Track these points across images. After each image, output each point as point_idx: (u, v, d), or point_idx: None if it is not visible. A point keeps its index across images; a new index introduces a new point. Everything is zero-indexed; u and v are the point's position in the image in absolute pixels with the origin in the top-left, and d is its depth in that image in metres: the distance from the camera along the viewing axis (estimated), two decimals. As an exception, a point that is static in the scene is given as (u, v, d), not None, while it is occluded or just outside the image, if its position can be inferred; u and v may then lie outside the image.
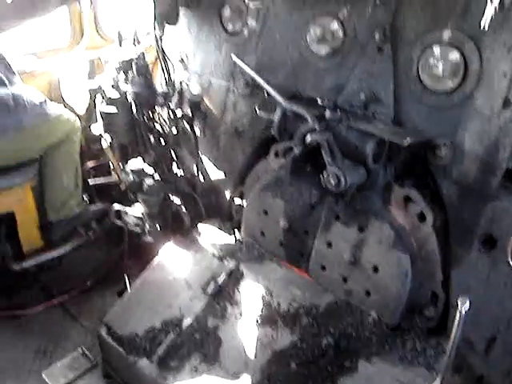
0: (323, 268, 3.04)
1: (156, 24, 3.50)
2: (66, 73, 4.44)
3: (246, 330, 2.95)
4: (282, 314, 2.96)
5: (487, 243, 2.57)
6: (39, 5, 3.54)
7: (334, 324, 2.86)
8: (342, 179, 2.58)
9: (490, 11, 2.29)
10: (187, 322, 3.04)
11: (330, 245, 2.98)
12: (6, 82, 3.63)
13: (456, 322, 1.94)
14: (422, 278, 2.80)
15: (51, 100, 3.96)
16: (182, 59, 3.70)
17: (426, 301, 2.83)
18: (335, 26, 2.92)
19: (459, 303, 1.91)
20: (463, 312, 1.90)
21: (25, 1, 3.46)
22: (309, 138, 2.68)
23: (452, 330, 1.97)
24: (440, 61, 2.56)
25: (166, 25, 3.58)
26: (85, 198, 4.20)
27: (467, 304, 1.90)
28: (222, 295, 3.11)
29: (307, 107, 2.82)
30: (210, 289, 3.12)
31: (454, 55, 2.51)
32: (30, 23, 3.65)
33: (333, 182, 2.60)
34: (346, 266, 2.92)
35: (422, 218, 2.73)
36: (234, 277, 3.16)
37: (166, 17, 3.51)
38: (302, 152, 2.80)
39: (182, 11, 3.58)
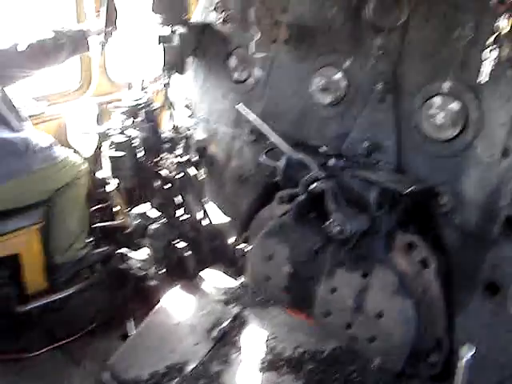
0: (327, 314, 3.04)
1: (164, 72, 3.61)
2: (75, 117, 4.55)
3: (250, 376, 2.95)
4: (286, 359, 2.98)
5: (490, 289, 2.59)
6: (52, 55, 3.67)
7: (338, 370, 2.87)
8: (346, 226, 2.62)
9: (487, 65, 2.39)
10: (191, 366, 3.05)
11: (334, 291, 3.00)
12: (16, 126, 3.72)
13: (460, 370, 1.96)
14: (426, 323, 2.80)
15: (59, 143, 4.05)
16: (189, 106, 3.80)
17: (429, 347, 2.83)
18: (339, 76, 3.02)
19: (462, 351, 1.93)
20: (466, 359, 1.92)
21: (38, 51, 3.59)
22: (313, 186, 2.73)
23: (456, 377, 1.99)
24: (440, 111, 2.65)
25: (174, 73, 3.70)
26: (90, 241, 4.25)
27: (471, 352, 1.92)
28: (226, 340, 3.13)
29: (311, 155, 2.89)
30: (215, 334, 3.13)
31: (454, 105, 2.59)
32: (43, 72, 3.78)
33: (336, 229, 2.64)
34: (350, 312, 2.93)
35: (424, 264, 2.77)
36: (239, 322, 3.19)
37: (174, 65, 3.61)
38: (306, 199, 2.85)
39: (190, 60, 3.69)
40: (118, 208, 4.22)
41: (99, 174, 4.12)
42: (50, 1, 5.23)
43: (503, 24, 2.30)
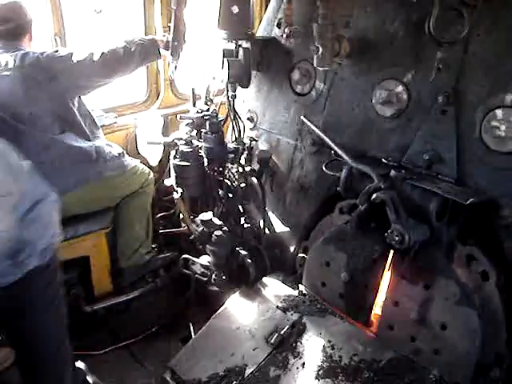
0: (391, 327, 3.06)
1: (229, 85, 3.73)
2: (142, 128, 4.74)
3: (307, 382, 2.99)
4: (343, 367, 2.99)
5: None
6: (123, 63, 3.85)
7: (395, 380, 2.87)
8: (406, 236, 2.65)
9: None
10: (250, 371, 3.10)
11: (396, 304, 3.02)
12: (90, 135, 3.92)
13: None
14: (487, 337, 2.77)
15: (128, 153, 4.23)
16: (252, 118, 3.91)
17: (490, 362, 2.80)
18: (400, 89, 3.06)
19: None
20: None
21: (111, 59, 3.78)
22: (374, 196, 2.78)
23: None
24: (503, 123, 2.64)
25: (238, 86, 3.82)
26: (155, 247, 4.41)
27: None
28: (284, 346, 3.17)
29: (372, 166, 2.94)
30: (273, 340, 3.18)
31: (517, 118, 2.59)
32: (115, 81, 3.97)
33: (397, 238, 2.67)
34: (414, 324, 2.94)
35: (485, 276, 2.75)
36: (297, 329, 3.23)
37: (238, 79, 3.73)
38: (366, 209, 2.89)
39: (254, 74, 3.81)
40: (182, 216, 4.35)
41: (165, 183, 4.28)
42: (121, 16, 5.47)
43: None
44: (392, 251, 2.98)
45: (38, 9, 4.11)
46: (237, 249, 3.70)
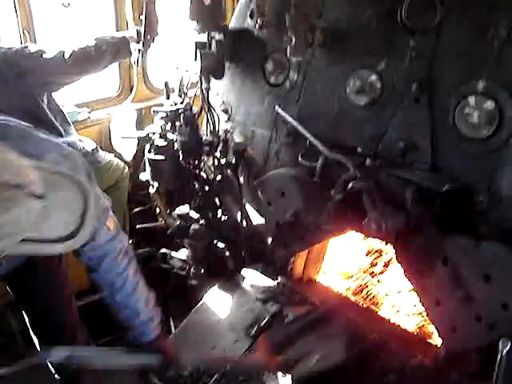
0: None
1: (202, 77, 3.70)
2: (116, 122, 4.69)
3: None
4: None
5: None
6: (94, 61, 3.81)
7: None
8: (383, 224, 2.67)
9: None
10: (231, 363, 3.12)
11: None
12: (63, 131, 3.87)
13: (497, 364, 1.98)
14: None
15: (102, 148, 4.19)
16: (227, 110, 3.88)
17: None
18: (373, 78, 3.05)
19: (501, 345, 1.95)
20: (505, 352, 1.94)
21: (81, 58, 3.73)
22: (350, 186, 2.79)
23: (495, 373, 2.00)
24: (475, 110, 2.65)
25: (211, 78, 3.79)
26: (132, 242, 4.37)
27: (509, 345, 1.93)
28: (265, 337, 3.19)
29: (348, 156, 2.94)
30: (253, 331, 3.19)
31: (489, 104, 2.60)
32: (86, 77, 3.92)
33: (374, 227, 2.69)
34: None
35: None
36: (277, 320, 3.24)
37: (211, 71, 3.71)
38: (343, 198, 2.90)
39: (227, 66, 3.78)
40: (159, 210, 4.33)
41: (140, 177, 4.24)
42: (90, 9, 5.40)
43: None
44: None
45: (5, 2, 4.04)
46: (214, 242, 3.69)
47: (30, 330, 3.22)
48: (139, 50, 4.04)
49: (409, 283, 2.97)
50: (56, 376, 3.32)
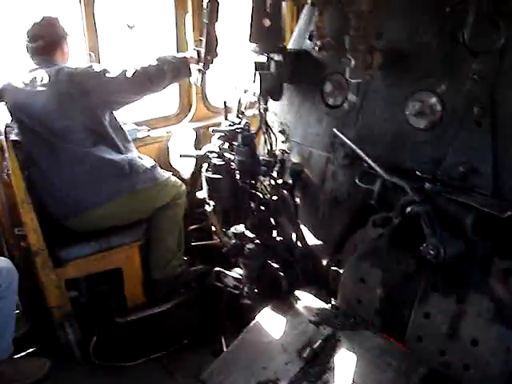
0: (420, 339, 3.01)
1: (261, 98, 3.74)
2: (175, 140, 4.79)
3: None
4: (377, 382, 2.96)
5: None
6: (155, 81, 3.91)
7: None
8: (441, 250, 2.60)
9: None
10: (282, 384, 3.09)
11: (427, 316, 2.96)
12: (123, 149, 3.97)
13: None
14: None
15: (160, 166, 4.28)
16: (284, 130, 3.90)
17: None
18: (433, 100, 3.01)
19: None
20: None
21: (143, 77, 3.83)
22: (409, 210, 2.74)
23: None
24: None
25: (270, 99, 3.83)
26: (187, 259, 4.43)
27: None
28: (317, 361, 3.13)
29: (406, 179, 2.90)
30: (306, 354, 3.15)
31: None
32: (147, 97, 4.03)
33: (432, 252, 2.63)
34: (444, 338, 2.89)
35: (523, 292, 2.69)
36: (330, 343, 3.20)
37: (270, 91, 3.74)
38: (400, 222, 2.86)
39: (285, 87, 3.81)
40: (214, 228, 4.37)
41: (197, 195, 4.31)
42: (152, 30, 5.57)
43: None
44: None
45: (74, 25, 4.21)
46: (269, 262, 3.69)
47: None
48: (199, 71, 4.12)
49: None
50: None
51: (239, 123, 3.97)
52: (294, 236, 3.81)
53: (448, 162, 2.93)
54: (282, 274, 3.63)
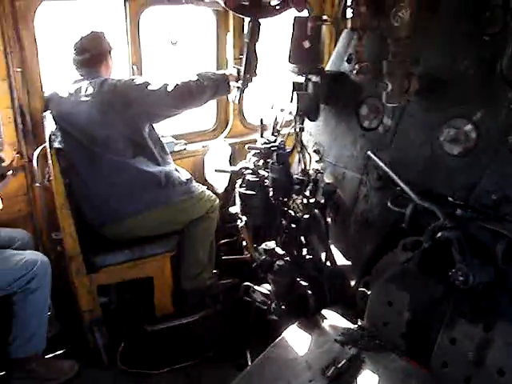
0: (445, 365, 3.00)
1: (297, 117, 3.80)
2: (210, 155, 4.88)
3: (363, 418, 2.96)
4: (400, 406, 2.95)
5: None
6: (195, 96, 4.01)
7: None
8: (471, 277, 2.61)
9: None
10: (305, 402, 3.11)
11: (453, 342, 2.95)
12: (161, 160, 4.08)
13: None
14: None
15: (195, 179, 4.37)
16: (318, 150, 3.94)
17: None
18: (469, 127, 3.02)
19: None
20: None
21: (184, 92, 3.94)
22: (439, 235, 2.76)
23: None
24: None
25: (306, 118, 3.89)
26: (216, 272, 4.50)
27: None
28: (340, 380, 3.13)
29: (438, 204, 2.92)
30: (330, 372, 3.16)
31: None
32: (186, 111, 4.13)
33: (461, 278, 2.64)
34: (470, 365, 2.87)
35: (553, 323, 2.67)
36: (355, 363, 3.20)
37: (306, 112, 3.80)
38: (431, 247, 2.87)
39: (322, 107, 3.87)
40: (245, 243, 4.43)
41: (230, 210, 4.37)
42: (194, 47, 5.69)
43: None
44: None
45: (118, 39, 4.36)
46: (298, 279, 3.73)
47: None
48: (238, 88, 4.21)
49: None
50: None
51: (274, 141, 4.03)
52: (323, 255, 3.84)
53: (481, 189, 2.94)
54: (309, 292, 3.65)
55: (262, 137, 4.23)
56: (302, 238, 3.94)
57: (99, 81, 3.88)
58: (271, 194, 3.87)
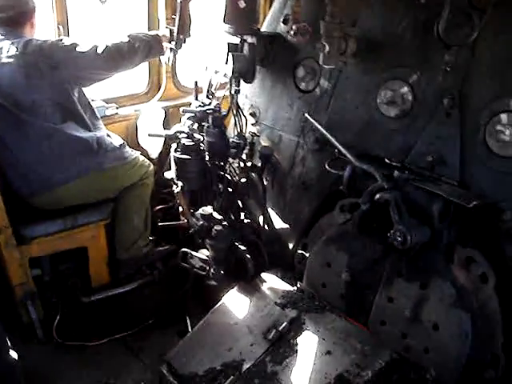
0: (383, 323, 3.09)
1: (232, 79, 3.72)
2: (143, 119, 4.73)
3: (304, 378, 3.00)
4: (341, 364, 3.02)
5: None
6: (127, 58, 3.84)
7: (392, 379, 2.89)
8: (408, 237, 2.66)
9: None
10: (247, 366, 3.10)
11: (391, 300, 3.04)
12: (91, 126, 3.90)
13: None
14: (482, 338, 2.79)
15: (128, 144, 4.22)
16: (255, 113, 3.90)
17: (485, 363, 2.82)
18: (405, 89, 3.07)
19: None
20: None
21: (115, 54, 3.76)
22: (377, 196, 2.79)
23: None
24: (507, 127, 2.65)
25: (242, 81, 3.81)
26: (153, 240, 4.41)
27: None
28: (282, 342, 3.17)
29: (376, 166, 2.95)
30: (271, 335, 3.19)
31: (521, 122, 2.60)
32: (118, 74, 3.96)
33: (399, 239, 2.69)
34: (406, 322, 2.97)
35: (483, 279, 2.76)
36: (295, 325, 3.24)
37: (242, 73, 3.72)
38: (369, 208, 2.90)
39: (258, 69, 3.80)
40: (182, 209, 4.35)
41: (165, 176, 4.27)
42: (123, 8, 5.46)
43: None
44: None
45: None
46: (236, 244, 3.71)
47: None
48: (171, 49, 4.07)
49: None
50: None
51: (210, 104, 3.95)
52: (261, 219, 3.83)
53: (417, 151, 2.99)
54: (248, 256, 3.64)
55: (196, 100, 4.13)
56: (240, 202, 3.91)
57: (23, 41, 3.63)
58: (207, 158, 3.81)
